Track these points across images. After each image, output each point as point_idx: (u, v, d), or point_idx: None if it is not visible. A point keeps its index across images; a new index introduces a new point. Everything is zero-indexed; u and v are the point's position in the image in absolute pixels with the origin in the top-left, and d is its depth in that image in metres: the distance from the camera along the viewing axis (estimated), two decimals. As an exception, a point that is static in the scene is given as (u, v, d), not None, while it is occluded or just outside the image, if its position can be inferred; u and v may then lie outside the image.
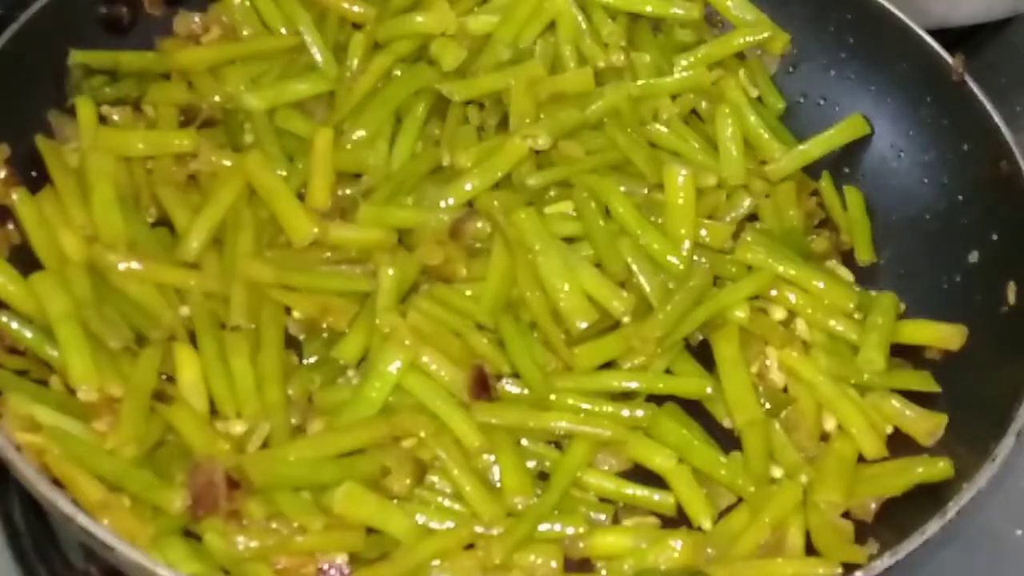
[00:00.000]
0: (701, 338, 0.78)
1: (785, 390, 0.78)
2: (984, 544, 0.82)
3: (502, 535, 0.67)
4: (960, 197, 0.84)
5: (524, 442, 0.73)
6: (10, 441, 0.63)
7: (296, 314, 0.75)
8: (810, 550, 0.70)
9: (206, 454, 0.66)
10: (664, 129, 0.86)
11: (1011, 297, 0.77)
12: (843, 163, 0.90)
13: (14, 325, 0.70)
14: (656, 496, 0.72)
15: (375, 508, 0.67)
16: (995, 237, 0.81)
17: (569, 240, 0.79)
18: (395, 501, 0.68)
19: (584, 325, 0.75)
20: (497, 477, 0.71)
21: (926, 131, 0.87)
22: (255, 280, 0.74)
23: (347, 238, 0.77)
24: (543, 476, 0.72)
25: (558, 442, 0.73)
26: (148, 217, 0.78)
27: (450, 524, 0.68)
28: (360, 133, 0.82)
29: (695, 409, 0.75)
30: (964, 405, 0.76)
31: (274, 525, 0.65)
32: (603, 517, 0.71)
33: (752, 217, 0.85)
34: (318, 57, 0.85)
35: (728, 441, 0.74)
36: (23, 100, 0.78)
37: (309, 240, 0.76)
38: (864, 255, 0.86)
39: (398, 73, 0.85)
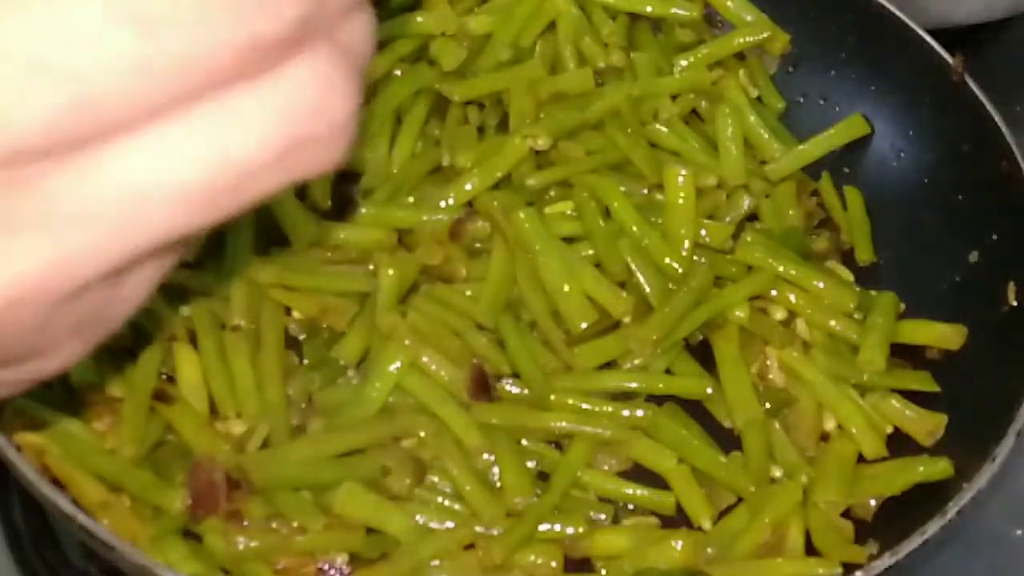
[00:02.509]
0: (701, 338, 0.78)
1: (785, 390, 0.78)
2: (984, 544, 0.82)
3: (502, 535, 0.67)
4: (960, 197, 0.84)
5: (524, 442, 0.73)
6: (10, 441, 0.63)
7: (296, 314, 0.75)
8: (810, 550, 0.70)
9: (206, 454, 0.66)
10: (664, 129, 0.86)
11: (1011, 297, 0.77)
12: (843, 163, 0.90)
13: (14, 325, 0.70)
14: (656, 496, 0.72)
15: (375, 508, 0.67)
16: (995, 237, 0.80)
17: (569, 240, 0.79)
18: (395, 501, 0.68)
19: (584, 325, 0.75)
20: (497, 477, 0.71)
21: (926, 131, 0.87)
22: (255, 280, 0.74)
23: (347, 238, 0.77)
24: (543, 476, 0.72)
25: (558, 442, 0.73)
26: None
27: (450, 524, 0.68)
28: (360, 133, 0.82)
29: (695, 409, 0.75)
30: (964, 405, 0.76)
31: (274, 525, 0.65)
32: (603, 517, 0.71)
33: (752, 217, 0.85)
34: (318, 57, 0.85)
35: (728, 441, 0.74)
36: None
37: (309, 241, 0.76)
38: (864, 255, 0.86)
39: (398, 73, 0.85)
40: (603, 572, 0.69)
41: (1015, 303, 0.77)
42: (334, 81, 0.25)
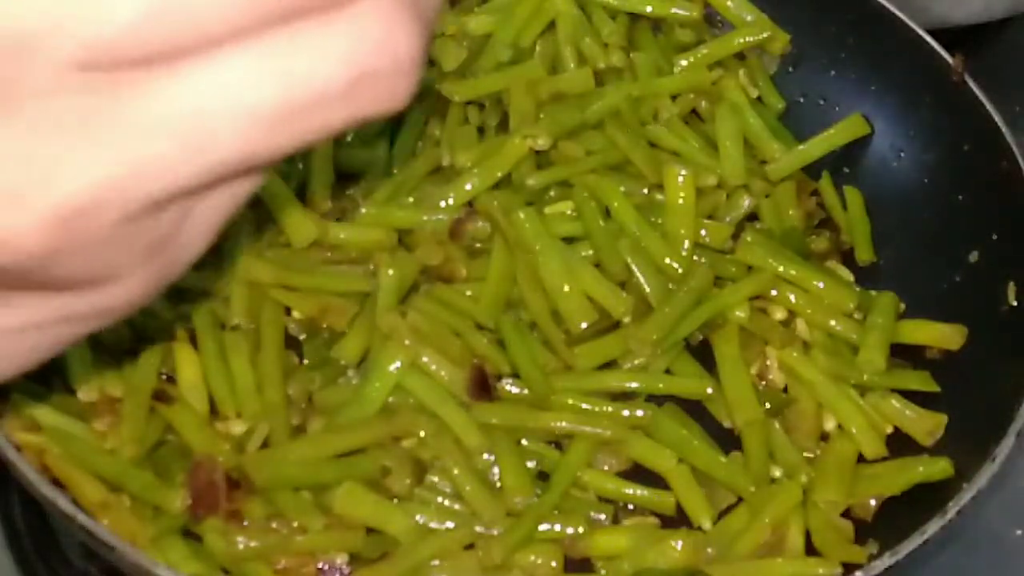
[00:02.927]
0: (701, 338, 0.78)
1: (785, 390, 0.78)
2: (984, 544, 0.82)
3: (502, 535, 0.67)
4: (960, 197, 0.84)
5: (524, 442, 0.73)
6: (10, 441, 0.63)
7: (296, 314, 0.75)
8: (810, 550, 0.70)
9: (206, 454, 0.66)
10: (664, 129, 0.86)
11: (1011, 297, 0.77)
12: (843, 163, 0.89)
13: (14, 325, 0.70)
14: (656, 496, 0.72)
15: (375, 508, 0.67)
16: (995, 237, 0.80)
17: (569, 240, 0.79)
18: (395, 501, 0.68)
19: (584, 325, 0.75)
20: (497, 477, 0.71)
21: (926, 131, 0.87)
22: (255, 280, 0.74)
23: (347, 238, 0.77)
24: (543, 476, 0.72)
25: (558, 442, 0.73)
26: (148, 217, 0.78)
27: (450, 524, 0.68)
28: (360, 133, 0.82)
29: (695, 409, 0.75)
30: (964, 405, 0.76)
31: (274, 525, 0.65)
32: (603, 517, 0.71)
33: (752, 217, 0.85)
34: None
35: (728, 441, 0.74)
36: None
37: (309, 241, 0.76)
38: (864, 255, 0.86)
39: (398, 73, 0.85)
40: (603, 572, 0.69)
41: (1015, 303, 0.77)
42: (400, 20, 0.26)
